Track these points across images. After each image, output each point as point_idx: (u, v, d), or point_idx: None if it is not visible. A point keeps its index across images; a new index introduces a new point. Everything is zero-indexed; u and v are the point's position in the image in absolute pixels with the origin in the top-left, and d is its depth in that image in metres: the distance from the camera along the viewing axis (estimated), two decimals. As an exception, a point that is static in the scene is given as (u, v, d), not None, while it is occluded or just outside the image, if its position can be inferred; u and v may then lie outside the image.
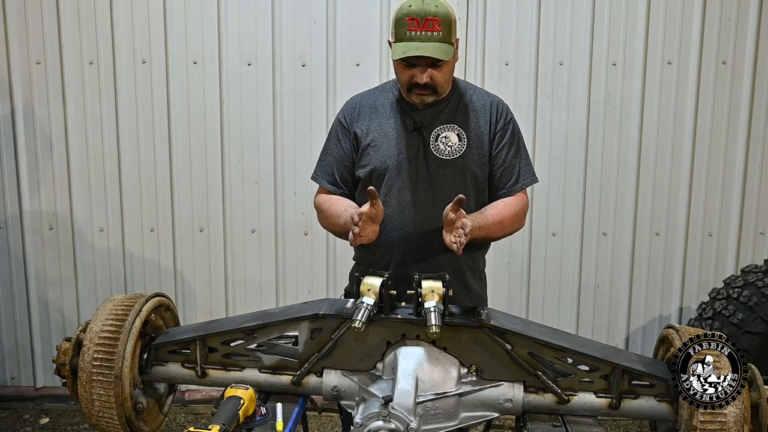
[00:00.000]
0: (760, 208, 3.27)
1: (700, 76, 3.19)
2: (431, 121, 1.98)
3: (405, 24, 1.84)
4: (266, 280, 3.41)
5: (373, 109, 2.03)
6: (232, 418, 1.54)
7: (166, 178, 3.35)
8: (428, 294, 1.67)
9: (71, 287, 3.44)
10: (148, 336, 1.85)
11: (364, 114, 2.03)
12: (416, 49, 1.83)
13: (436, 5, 1.84)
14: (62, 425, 3.37)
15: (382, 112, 2.02)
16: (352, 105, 2.08)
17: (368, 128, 2.01)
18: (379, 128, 2.00)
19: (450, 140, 1.97)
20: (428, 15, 1.82)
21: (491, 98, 2.06)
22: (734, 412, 1.55)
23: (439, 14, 1.83)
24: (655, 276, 3.35)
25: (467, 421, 1.71)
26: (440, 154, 1.96)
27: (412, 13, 1.83)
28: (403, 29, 1.84)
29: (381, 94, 2.06)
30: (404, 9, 1.85)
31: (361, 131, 2.01)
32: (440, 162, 1.96)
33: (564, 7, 3.18)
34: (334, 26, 3.22)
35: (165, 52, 3.25)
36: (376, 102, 2.04)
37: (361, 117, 2.03)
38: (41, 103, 3.30)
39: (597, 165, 3.28)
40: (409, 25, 1.83)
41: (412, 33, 1.83)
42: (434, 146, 1.96)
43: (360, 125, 2.02)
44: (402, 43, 1.85)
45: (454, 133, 1.97)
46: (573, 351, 1.69)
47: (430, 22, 1.82)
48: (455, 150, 1.96)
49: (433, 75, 1.88)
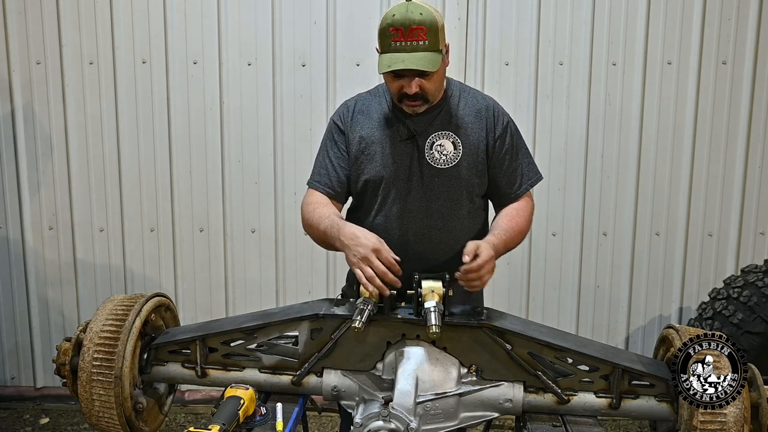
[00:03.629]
0: (760, 208, 3.27)
1: (700, 76, 3.19)
2: (425, 129, 1.93)
3: (389, 34, 1.78)
4: (266, 280, 3.41)
5: (367, 116, 1.99)
6: (232, 418, 1.54)
7: (166, 178, 3.35)
8: (428, 294, 1.67)
9: (71, 287, 3.44)
10: (148, 336, 1.85)
11: (358, 120, 1.99)
12: (402, 61, 1.76)
13: (421, 12, 1.76)
14: (62, 425, 3.37)
15: (375, 118, 1.97)
16: (347, 109, 2.03)
17: (361, 136, 1.96)
18: (372, 136, 1.95)
19: (445, 148, 1.92)
20: (413, 24, 1.75)
21: (486, 102, 1.99)
22: (734, 412, 1.55)
23: (425, 22, 1.75)
24: (655, 276, 3.35)
25: (467, 421, 1.71)
26: (435, 162, 1.92)
27: (396, 23, 1.76)
28: (388, 40, 1.78)
29: (374, 99, 2.01)
30: (388, 18, 1.78)
31: (354, 138, 1.97)
32: (435, 171, 1.92)
33: (564, 7, 3.18)
34: (334, 26, 3.22)
35: (165, 52, 3.25)
36: (370, 108, 2.00)
37: (355, 122, 1.99)
38: (41, 103, 3.30)
39: (597, 165, 3.28)
40: (394, 36, 1.76)
41: (396, 44, 1.77)
42: (429, 155, 1.92)
43: (353, 131, 1.98)
44: (387, 55, 1.79)
45: (449, 141, 1.93)
46: (573, 351, 1.69)
47: (415, 31, 1.75)
48: (450, 158, 1.92)
49: (423, 85, 1.82)
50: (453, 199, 1.94)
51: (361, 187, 1.98)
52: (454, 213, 1.96)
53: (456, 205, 1.95)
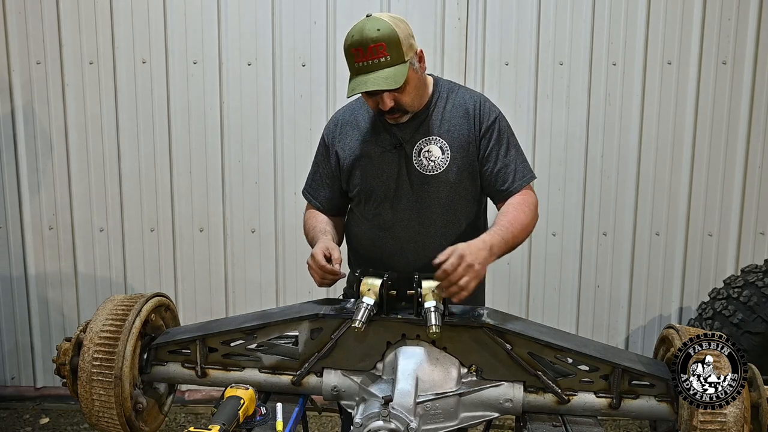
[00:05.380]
0: (760, 208, 3.27)
1: (700, 76, 3.19)
2: (412, 136, 1.91)
3: (351, 55, 1.77)
4: (266, 280, 3.41)
5: (355, 126, 1.99)
6: (232, 418, 1.54)
7: (166, 178, 3.35)
8: (428, 294, 1.67)
9: (71, 287, 3.44)
10: (148, 336, 1.85)
11: (345, 132, 1.99)
12: (364, 84, 1.75)
13: (378, 28, 1.73)
14: (62, 425, 3.37)
15: (363, 127, 1.97)
16: (334, 123, 2.03)
17: (350, 147, 1.97)
18: (360, 147, 1.95)
19: (433, 154, 1.90)
20: (370, 42, 1.73)
21: (473, 99, 1.95)
22: (734, 412, 1.55)
23: (382, 38, 1.73)
24: (655, 276, 3.35)
25: (467, 421, 1.71)
26: (424, 169, 1.91)
27: (355, 44, 1.75)
28: (352, 60, 1.78)
29: (362, 107, 2.00)
30: (348, 39, 1.78)
31: (343, 151, 1.98)
32: (424, 178, 1.91)
33: (564, 7, 3.18)
34: (334, 26, 3.22)
35: (165, 52, 3.25)
36: (357, 118, 1.99)
37: (342, 135, 1.99)
38: (41, 103, 3.30)
39: (597, 165, 3.28)
40: (356, 56, 1.76)
41: (359, 65, 1.76)
42: (417, 162, 1.91)
43: (341, 145, 1.99)
44: (354, 78, 1.79)
45: (436, 146, 1.90)
46: (573, 351, 1.69)
47: (374, 49, 1.73)
48: (439, 164, 1.90)
49: (397, 98, 1.81)
50: (446, 204, 1.93)
51: (355, 196, 2.01)
52: (448, 219, 1.95)
53: (449, 211, 1.95)
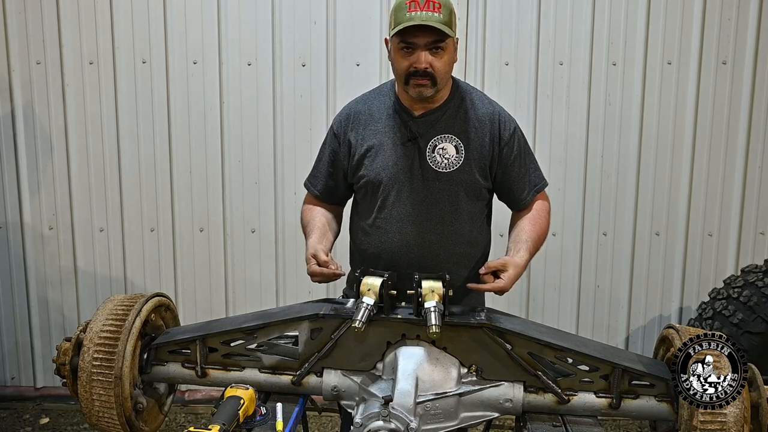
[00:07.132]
0: (760, 208, 3.27)
1: (700, 76, 3.19)
2: (427, 131, 1.91)
3: (405, 7, 1.77)
4: (266, 280, 3.41)
5: (369, 116, 1.97)
6: (232, 418, 1.54)
7: (166, 178, 3.35)
8: (428, 294, 1.67)
9: (71, 287, 3.44)
10: (148, 336, 1.85)
11: (359, 121, 1.97)
12: (420, 18, 1.75)
13: None
14: (62, 425, 3.37)
15: (378, 118, 1.96)
16: (347, 113, 2.01)
17: (363, 137, 1.95)
18: (374, 137, 1.94)
19: (447, 152, 1.90)
20: None
21: (494, 108, 1.96)
22: (734, 412, 1.55)
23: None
24: (655, 276, 3.35)
25: (467, 421, 1.71)
26: (437, 166, 1.90)
27: None
28: (403, 12, 1.77)
29: (378, 98, 2.00)
30: None
31: (356, 140, 1.96)
32: (436, 174, 1.90)
33: (564, 7, 3.18)
34: (334, 26, 3.22)
35: (165, 52, 3.25)
36: (372, 108, 1.98)
37: (356, 124, 1.97)
38: (41, 103, 3.30)
39: (597, 165, 3.28)
40: (410, 7, 1.76)
41: (412, 14, 1.75)
42: (430, 158, 1.90)
43: (354, 133, 1.97)
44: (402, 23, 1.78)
45: (451, 145, 1.90)
46: (573, 351, 1.69)
47: (431, 3, 1.76)
48: (452, 162, 1.90)
49: (433, 62, 1.80)
50: (454, 203, 1.93)
51: (362, 188, 1.98)
52: (454, 217, 1.95)
53: (456, 210, 1.94)
